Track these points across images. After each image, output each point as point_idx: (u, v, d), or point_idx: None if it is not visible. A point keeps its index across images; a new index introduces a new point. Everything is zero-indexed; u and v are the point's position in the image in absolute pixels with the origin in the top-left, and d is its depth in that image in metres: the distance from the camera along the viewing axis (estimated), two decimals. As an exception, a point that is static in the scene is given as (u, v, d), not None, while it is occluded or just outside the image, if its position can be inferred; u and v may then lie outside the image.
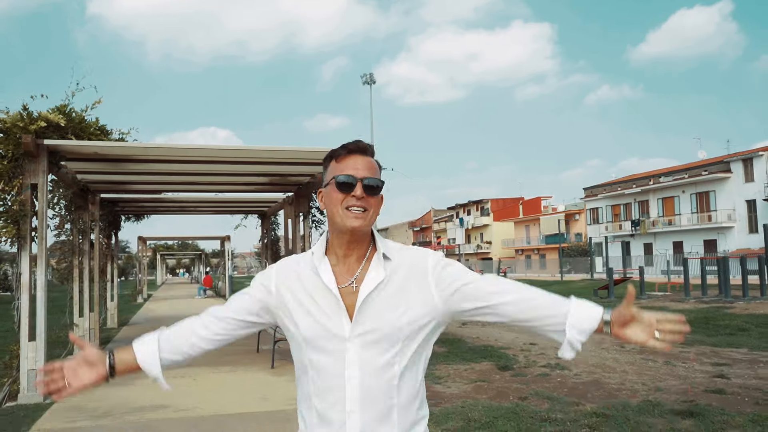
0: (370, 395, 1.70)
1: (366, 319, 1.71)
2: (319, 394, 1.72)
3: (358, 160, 1.79)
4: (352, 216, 1.72)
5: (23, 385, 7.32)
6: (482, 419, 5.83)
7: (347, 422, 1.69)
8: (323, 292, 1.73)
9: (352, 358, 1.69)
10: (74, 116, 8.20)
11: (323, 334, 1.71)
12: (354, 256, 1.78)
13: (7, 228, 7.46)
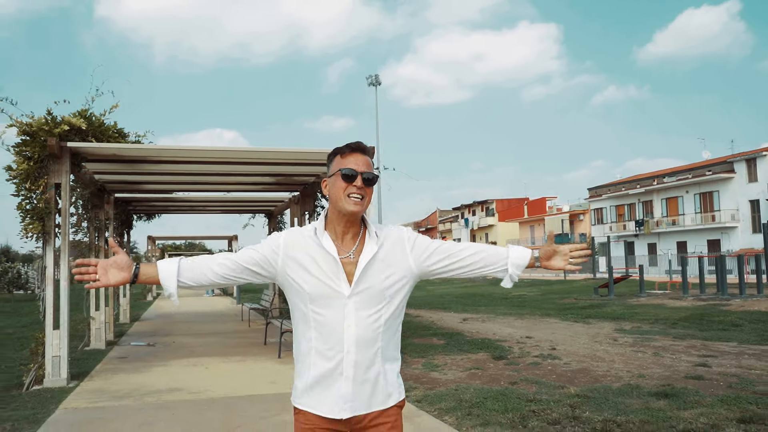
0: (362, 339, 2.22)
1: (362, 282, 2.23)
2: (320, 338, 2.23)
3: (359, 157, 2.29)
4: (352, 202, 2.23)
5: (48, 370, 7.86)
6: (473, 400, 6.33)
7: (344, 359, 2.21)
8: (326, 259, 2.24)
9: (350, 312, 2.22)
10: (94, 120, 8.73)
11: (327, 292, 2.22)
12: (350, 234, 2.30)
13: (33, 224, 8.01)
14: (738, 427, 5.09)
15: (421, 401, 6.45)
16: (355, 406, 2.24)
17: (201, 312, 20.95)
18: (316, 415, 2.25)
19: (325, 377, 2.23)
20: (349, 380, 2.22)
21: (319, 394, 2.25)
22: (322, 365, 2.23)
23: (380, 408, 2.28)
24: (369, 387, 2.25)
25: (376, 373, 2.26)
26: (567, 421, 5.41)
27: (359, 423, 2.26)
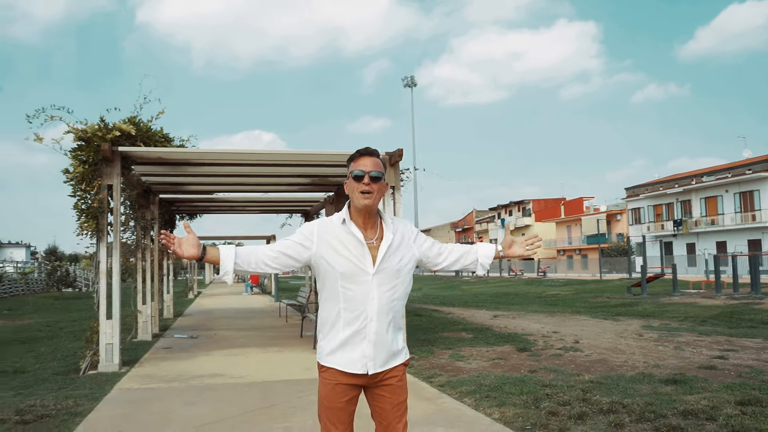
0: (382, 309, 2.76)
1: (383, 263, 2.77)
2: (349, 308, 2.75)
3: (367, 159, 2.81)
4: (363, 198, 2.75)
5: (102, 356, 8.55)
6: (492, 385, 6.77)
7: (368, 326, 2.75)
8: (355, 244, 2.76)
9: (373, 287, 2.75)
10: (142, 126, 9.40)
11: (356, 271, 2.74)
12: (370, 224, 2.83)
13: (88, 223, 8.71)
14: (736, 408, 5.43)
15: (444, 386, 6.91)
16: (374, 363, 2.77)
17: (241, 309, 21.70)
18: (340, 372, 2.77)
19: (351, 340, 2.76)
20: (371, 343, 2.75)
21: (345, 354, 2.77)
22: (349, 331, 2.76)
23: (391, 365, 2.82)
24: (384, 349, 2.79)
25: (390, 337, 2.80)
26: (577, 402, 5.81)
27: (374, 378, 2.79)
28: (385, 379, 2.81)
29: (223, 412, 5.88)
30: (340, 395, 2.77)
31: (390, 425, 2.81)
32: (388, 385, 2.82)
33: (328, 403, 2.78)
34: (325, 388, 2.80)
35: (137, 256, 12.77)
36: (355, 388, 2.81)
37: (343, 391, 2.77)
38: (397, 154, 9.41)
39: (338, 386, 2.77)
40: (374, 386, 2.83)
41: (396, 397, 2.82)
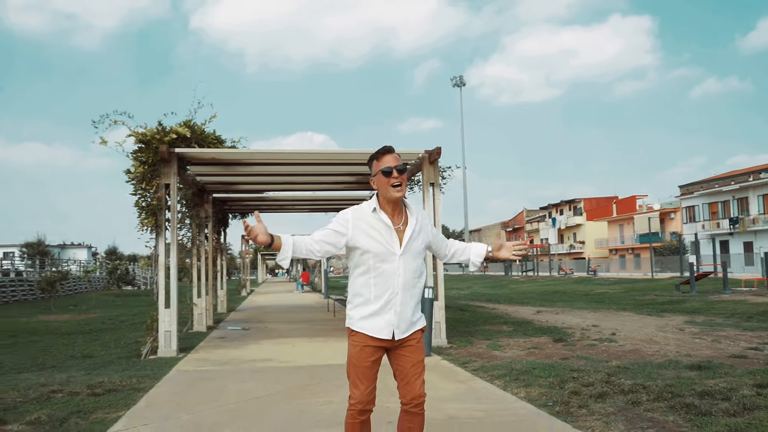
0: (406, 284, 3.27)
1: (408, 245, 3.28)
2: (377, 284, 3.24)
3: (389, 156, 3.29)
4: (395, 190, 3.24)
5: (161, 342, 9.24)
6: (522, 369, 7.13)
7: (394, 299, 3.24)
8: (385, 229, 3.25)
9: (400, 266, 3.25)
10: (196, 129, 10.06)
11: (387, 251, 3.23)
12: (396, 212, 3.32)
13: (148, 219, 9.41)
14: (752, 389, 5.66)
15: (477, 370, 7.30)
16: (398, 330, 3.27)
17: (291, 305, 22.42)
18: (368, 336, 3.26)
19: (379, 310, 3.25)
20: (396, 313, 3.25)
21: (373, 321, 3.26)
22: (379, 302, 3.25)
23: (411, 332, 3.32)
24: (406, 317, 3.29)
25: (411, 308, 3.31)
26: (600, 384, 6.13)
27: (396, 342, 3.28)
28: (405, 342, 3.30)
29: (270, 389, 6.41)
30: (367, 356, 3.25)
31: (410, 381, 3.27)
32: (408, 346, 3.31)
33: (356, 362, 3.26)
34: (355, 349, 3.28)
35: (192, 253, 13.52)
36: (380, 350, 3.28)
37: (370, 352, 3.25)
38: (435, 152, 9.82)
39: (366, 348, 3.25)
40: (396, 348, 3.31)
41: (415, 356, 3.30)
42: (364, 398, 3.23)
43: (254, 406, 5.71)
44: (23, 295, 29.33)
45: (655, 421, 4.80)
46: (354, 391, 3.25)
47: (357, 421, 3.27)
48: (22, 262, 41.71)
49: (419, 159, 10.24)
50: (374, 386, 3.29)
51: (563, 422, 4.86)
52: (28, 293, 29.76)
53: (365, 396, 3.23)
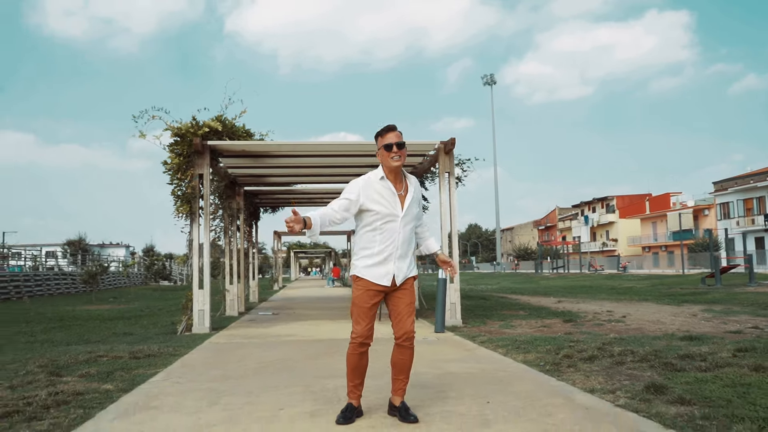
0: (405, 240, 3.93)
1: (408, 208, 3.93)
2: (384, 240, 3.89)
3: (391, 134, 3.95)
4: (394, 161, 3.88)
5: (195, 320, 9.99)
6: (525, 341, 7.67)
7: (394, 252, 3.89)
8: (390, 194, 3.89)
9: (400, 226, 3.91)
10: (227, 123, 10.80)
11: (391, 213, 3.88)
12: (397, 181, 3.96)
13: (183, 206, 10.17)
14: (730, 353, 6.14)
15: (485, 342, 7.86)
16: (396, 278, 3.92)
17: (321, 297, 23.16)
18: (370, 282, 3.91)
19: (382, 261, 3.90)
20: (395, 264, 3.91)
21: (376, 270, 3.91)
22: (382, 254, 3.90)
23: (405, 278, 3.97)
24: (403, 267, 3.96)
25: (407, 261, 3.98)
26: (592, 350, 6.65)
27: (393, 287, 3.92)
28: (400, 287, 3.96)
29: (291, 355, 7.09)
30: (369, 298, 3.90)
31: (402, 319, 3.93)
32: (403, 290, 3.97)
33: (359, 303, 3.91)
34: (358, 292, 3.93)
35: (225, 242, 14.31)
36: (379, 294, 3.93)
37: (371, 296, 3.91)
38: (450, 143, 10.39)
39: (368, 292, 3.91)
40: (392, 292, 3.97)
41: (408, 299, 3.97)
42: (363, 333, 3.89)
43: (276, 365, 6.38)
44: (66, 289, 30.66)
45: (632, 375, 5.33)
46: (356, 327, 3.91)
47: (357, 352, 3.94)
48: (65, 259, 43.36)
49: (435, 150, 10.83)
50: (372, 324, 3.95)
51: (548, 376, 5.42)
52: (71, 287, 31.09)
53: (365, 331, 3.89)
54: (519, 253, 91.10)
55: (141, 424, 4.01)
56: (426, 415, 4.07)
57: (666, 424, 3.74)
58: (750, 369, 5.29)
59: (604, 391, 4.70)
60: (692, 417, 3.85)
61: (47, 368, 6.39)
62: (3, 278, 25.26)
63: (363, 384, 4.06)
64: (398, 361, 4.00)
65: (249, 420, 4.06)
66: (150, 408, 4.47)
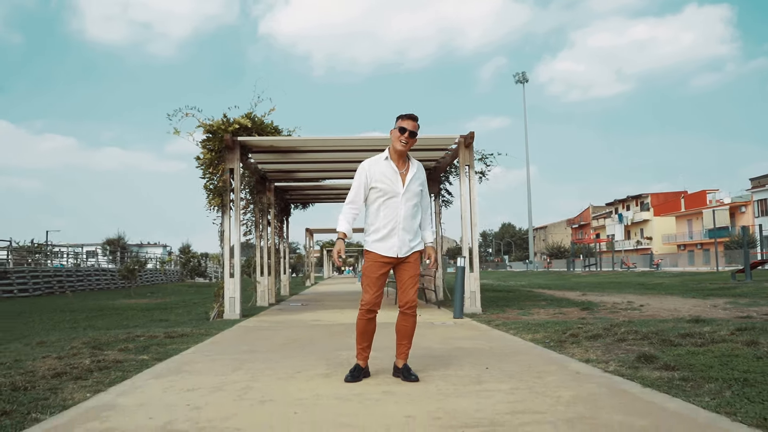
0: (407, 216, 4.34)
1: (408, 186, 4.34)
2: (387, 215, 4.33)
3: (408, 121, 4.39)
4: (401, 145, 4.32)
5: (226, 307, 10.53)
6: (538, 324, 8.01)
7: (397, 226, 4.31)
8: (393, 173, 4.33)
9: (402, 202, 4.33)
10: (256, 120, 11.31)
11: (393, 190, 4.31)
12: (401, 161, 4.40)
13: (215, 199, 10.72)
14: (730, 331, 6.40)
15: (499, 326, 8.22)
16: (399, 251, 4.34)
17: (350, 291, 23.64)
18: (378, 254, 4.35)
19: (387, 235, 4.34)
20: (399, 238, 4.34)
21: (382, 243, 4.35)
22: (386, 230, 4.34)
23: (410, 252, 4.39)
24: (407, 241, 4.37)
25: (411, 235, 4.39)
26: (599, 330, 6.96)
27: (398, 259, 4.35)
28: (405, 260, 4.38)
29: (313, 334, 7.56)
30: (377, 269, 4.35)
31: (406, 290, 4.38)
32: (407, 263, 4.41)
33: (368, 273, 4.35)
34: (368, 263, 4.39)
35: (256, 235, 14.87)
36: (387, 265, 4.37)
37: (379, 266, 4.35)
38: (469, 137, 10.76)
39: (376, 263, 4.35)
40: (399, 264, 4.40)
41: (412, 271, 4.40)
42: (371, 300, 4.33)
43: (298, 342, 6.85)
44: (106, 284, 31.74)
45: (629, 350, 5.65)
46: (365, 296, 4.35)
47: (365, 318, 4.38)
48: (104, 258, 44.73)
49: (456, 144, 11.21)
50: (380, 293, 4.39)
51: (550, 350, 5.78)
52: (110, 282, 32.17)
53: (373, 299, 4.33)
54: (552, 251, 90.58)
55: (172, 382, 4.50)
56: (427, 377, 4.48)
57: (645, 384, 4.09)
58: (743, 344, 5.56)
59: (598, 362, 5.04)
60: (672, 379, 4.19)
61: (90, 344, 6.96)
62: (47, 273, 26.34)
63: (370, 347, 4.49)
64: (402, 327, 4.43)
65: (269, 380, 4.52)
66: (181, 372, 4.96)
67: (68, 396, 4.13)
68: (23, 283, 23.74)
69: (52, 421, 3.41)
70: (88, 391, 4.26)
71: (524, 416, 3.30)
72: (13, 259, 26.89)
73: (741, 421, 3.12)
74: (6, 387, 4.38)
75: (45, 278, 25.71)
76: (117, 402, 3.85)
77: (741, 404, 3.43)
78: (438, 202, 15.36)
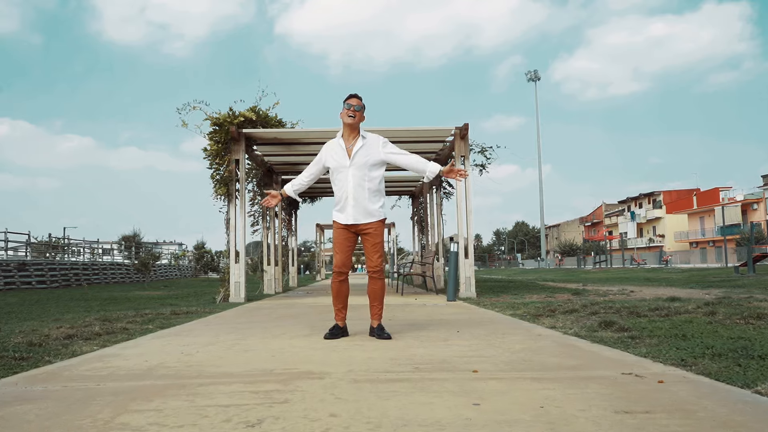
0: (356, 187, 4.74)
1: (354, 158, 4.75)
2: (339, 189, 4.78)
3: (353, 99, 4.83)
4: (349, 118, 4.76)
5: (232, 291, 11.05)
6: (522, 304, 8.44)
7: (348, 197, 4.74)
8: (339, 149, 4.79)
9: (350, 174, 4.75)
10: (261, 113, 11.81)
11: (340, 164, 4.77)
12: (352, 137, 4.83)
13: (221, 189, 11.24)
14: (696, 308, 6.80)
15: (486, 306, 8.65)
16: (353, 219, 4.76)
17: (359, 283, 24.07)
18: (337, 222, 4.81)
19: (343, 205, 4.77)
20: (351, 207, 4.75)
21: (340, 213, 4.81)
22: (340, 200, 4.77)
23: (368, 221, 4.79)
24: (361, 210, 4.77)
25: (363, 204, 4.77)
26: (578, 307, 7.38)
27: (358, 227, 4.79)
28: (365, 229, 4.81)
29: (307, 312, 8.04)
30: (340, 235, 4.82)
31: (370, 256, 4.83)
32: (368, 233, 4.82)
33: (335, 239, 4.83)
34: (334, 231, 4.86)
35: (263, 226, 15.39)
36: (348, 232, 4.83)
37: (341, 233, 4.82)
38: (464, 128, 11.19)
39: (339, 230, 4.83)
40: (361, 233, 4.83)
41: (373, 239, 4.82)
42: (339, 263, 4.80)
43: (292, 317, 7.34)
44: (121, 278, 32.49)
45: (597, 320, 6.06)
46: (335, 259, 4.83)
47: (337, 280, 4.90)
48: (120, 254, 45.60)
49: (452, 135, 11.64)
50: (347, 256, 4.85)
51: (522, 320, 6.21)
52: (125, 276, 32.92)
53: (340, 261, 4.81)
54: (564, 249, 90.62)
55: (171, 340, 5.00)
56: (400, 336, 4.94)
57: (594, 341, 4.52)
58: (702, 315, 5.98)
59: (563, 328, 5.48)
60: (621, 338, 4.62)
61: (101, 319, 7.49)
62: (64, 266, 27.09)
63: (346, 308, 4.97)
64: (371, 290, 4.91)
65: (257, 339, 5.00)
66: (180, 335, 5.46)
67: (78, 349, 4.64)
68: (41, 275, 24.48)
69: (61, 363, 3.91)
70: (95, 346, 4.78)
71: (472, 359, 3.75)
72: (31, 253, 27.68)
73: (661, 362, 3.55)
74: (23, 344, 4.90)
75: (62, 271, 26.45)
76: (119, 353, 4.34)
77: (670, 353, 3.85)
78: (439, 194, 15.80)
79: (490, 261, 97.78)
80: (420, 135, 12.52)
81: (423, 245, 19.52)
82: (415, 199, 20.81)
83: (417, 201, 20.75)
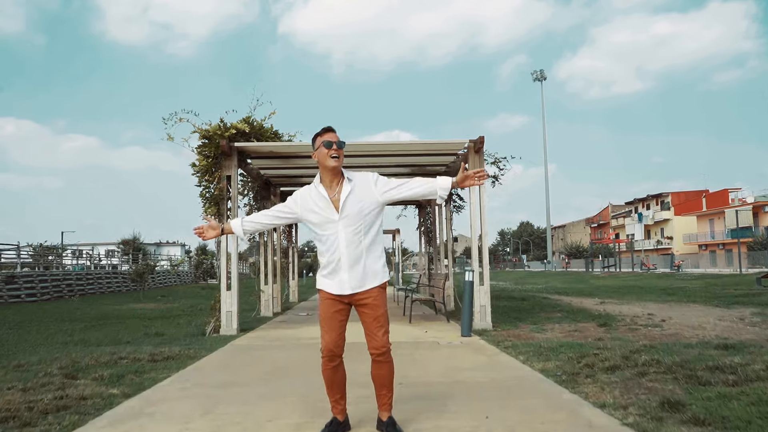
0: (349, 245, 3.65)
1: (344, 210, 3.64)
2: (327, 249, 3.70)
3: (331, 134, 3.74)
4: (333, 160, 3.67)
5: (223, 322, 10.02)
6: (550, 347, 7.39)
7: (340, 259, 3.65)
8: (322, 199, 3.69)
9: (339, 229, 3.66)
10: (255, 124, 10.78)
11: (326, 219, 3.67)
12: (335, 182, 3.72)
13: (211, 208, 10.21)
14: (765, 363, 5.75)
15: (508, 348, 7.61)
16: (351, 286, 3.68)
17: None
18: (328, 292, 3.73)
19: (332, 271, 3.71)
20: (345, 272, 3.68)
21: (329, 280, 3.73)
22: (330, 264, 3.70)
23: (367, 288, 3.71)
24: (359, 274, 3.68)
25: (360, 266, 3.68)
26: (617, 359, 6.34)
27: (353, 297, 3.71)
28: (364, 299, 3.71)
29: (306, 358, 6.99)
30: (329, 308, 3.73)
31: (373, 334, 3.73)
32: (366, 304, 3.72)
33: (322, 313, 3.75)
34: (321, 302, 3.78)
35: (260, 242, 14.36)
36: (340, 303, 3.73)
37: (330, 305, 3.73)
38: (479, 141, 10.15)
39: (327, 301, 3.74)
40: (357, 305, 3.75)
41: (374, 312, 3.72)
42: (330, 345, 3.71)
43: (284, 370, 6.30)
44: (117, 287, 31.49)
45: (652, 388, 5.02)
46: (323, 339, 3.74)
47: (329, 367, 3.76)
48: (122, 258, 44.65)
49: (466, 149, 10.60)
50: (339, 335, 3.74)
51: (561, 387, 5.17)
52: (122, 285, 31.92)
53: (331, 343, 3.71)
54: (570, 251, 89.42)
55: (127, 434, 3.97)
56: (415, 423, 3.91)
57: (670, 445, 3.48)
58: (780, 382, 4.93)
59: (615, 407, 4.43)
60: (702, 438, 3.58)
61: (66, 370, 6.48)
62: (55, 277, 26.08)
63: (344, 398, 3.90)
64: (376, 376, 3.82)
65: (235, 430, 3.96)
66: (143, 415, 4.43)
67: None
68: (31, 287, 23.48)
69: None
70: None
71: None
72: (24, 261, 26.69)
73: None
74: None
75: (54, 282, 25.44)
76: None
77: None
78: (449, 207, 14.78)
79: (496, 262, 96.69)
80: (430, 148, 11.50)
81: (431, 257, 18.52)
82: (422, 209, 19.78)
83: (424, 211, 19.73)
